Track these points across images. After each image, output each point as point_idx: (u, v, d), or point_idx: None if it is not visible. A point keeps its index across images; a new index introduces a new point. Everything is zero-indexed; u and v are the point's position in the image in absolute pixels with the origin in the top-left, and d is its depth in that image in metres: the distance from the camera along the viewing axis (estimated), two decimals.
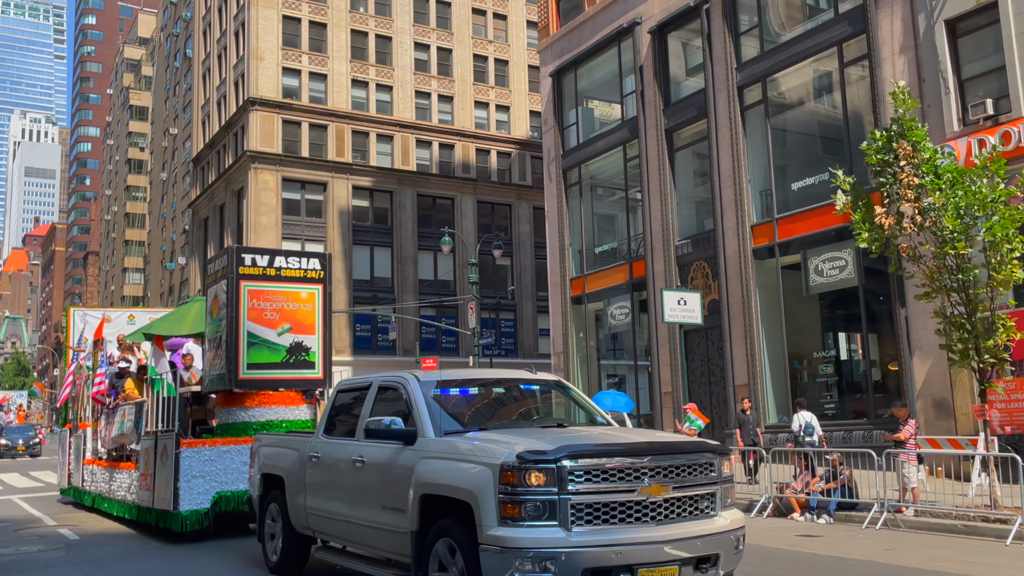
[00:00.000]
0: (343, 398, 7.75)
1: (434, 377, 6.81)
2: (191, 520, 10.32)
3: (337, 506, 7.12)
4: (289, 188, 49.25)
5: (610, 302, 26.59)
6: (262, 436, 8.78)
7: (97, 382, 13.30)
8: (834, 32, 19.73)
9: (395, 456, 6.35)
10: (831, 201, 19.65)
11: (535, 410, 7.16)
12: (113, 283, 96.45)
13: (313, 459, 7.52)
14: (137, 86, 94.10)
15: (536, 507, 5.24)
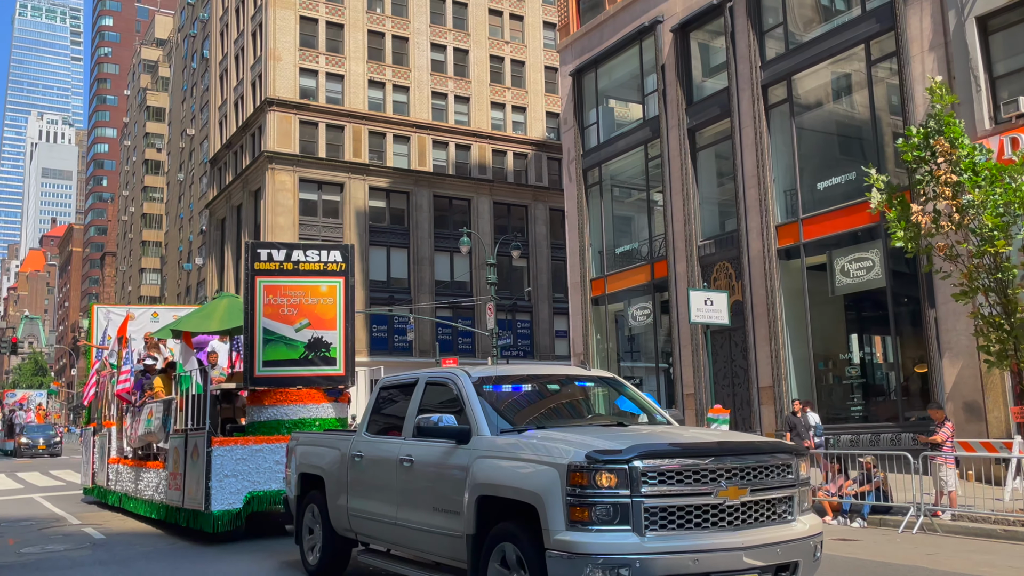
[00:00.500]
0: (386, 395, 7.51)
1: (485, 373, 6.58)
2: (223, 520, 10.08)
3: (383, 507, 6.85)
4: (306, 189, 49.29)
5: (630, 303, 26.39)
6: (299, 435, 8.53)
7: (122, 379, 13.13)
8: (861, 30, 19.47)
9: (447, 455, 6.08)
10: (857, 201, 19.56)
11: (590, 408, 6.87)
12: (130, 283, 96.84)
13: (356, 458, 7.27)
14: (154, 87, 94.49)
15: (607, 510, 4.95)
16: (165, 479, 11.43)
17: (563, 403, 6.81)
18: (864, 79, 19.80)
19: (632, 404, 6.82)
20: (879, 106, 19.49)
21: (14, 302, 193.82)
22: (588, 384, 6.98)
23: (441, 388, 6.65)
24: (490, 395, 6.28)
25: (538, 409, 6.58)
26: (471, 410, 6.11)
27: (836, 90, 21.22)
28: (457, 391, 6.35)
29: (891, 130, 19.48)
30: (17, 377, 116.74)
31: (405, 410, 6.88)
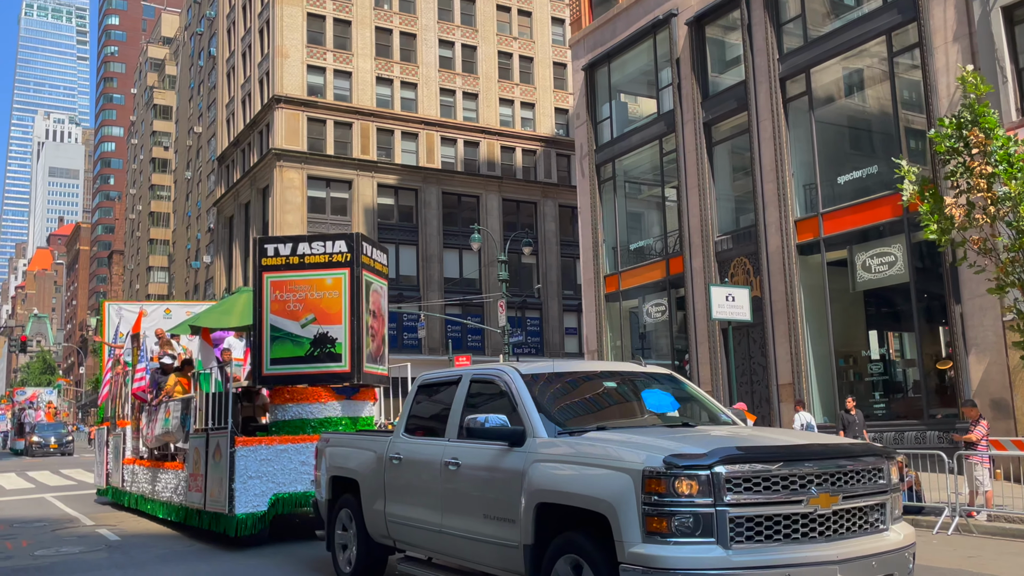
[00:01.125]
0: (425, 394, 7.07)
1: (536, 369, 6.14)
2: (248, 524, 9.70)
3: (425, 514, 6.41)
4: (314, 186, 49.10)
5: (645, 299, 26.10)
6: (329, 435, 8.12)
7: (138, 378, 12.84)
8: (882, 21, 19.13)
9: (499, 459, 5.64)
10: (879, 195, 19.25)
11: (635, 405, 6.31)
12: (138, 281, 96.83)
13: (394, 461, 6.83)
14: (161, 85, 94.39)
15: (688, 521, 4.50)
16: (185, 480, 11.10)
17: (620, 402, 6.31)
18: (885, 71, 19.47)
19: (694, 403, 6.34)
20: (901, 99, 19.16)
21: (22, 301, 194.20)
22: (644, 381, 6.46)
23: (487, 386, 6.26)
24: (542, 393, 5.84)
25: (595, 408, 6.11)
26: (524, 410, 5.67)
27: (856, 83, 20.88)
28: (507, 389, 5.93)
29: (913, 123, 19.15)
30: (26, 376, 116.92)
31: (447, 410, 6.45)
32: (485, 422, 5.52)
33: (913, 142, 19.11)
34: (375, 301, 10.94)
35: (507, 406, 5.83)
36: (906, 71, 19.18)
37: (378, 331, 10.85)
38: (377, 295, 10.99)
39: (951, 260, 17.32)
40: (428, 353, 47.66)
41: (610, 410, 6.18)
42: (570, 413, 5.80)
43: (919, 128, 18.81)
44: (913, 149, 19.06)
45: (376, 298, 10.97)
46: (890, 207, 18.79)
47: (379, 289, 10.95)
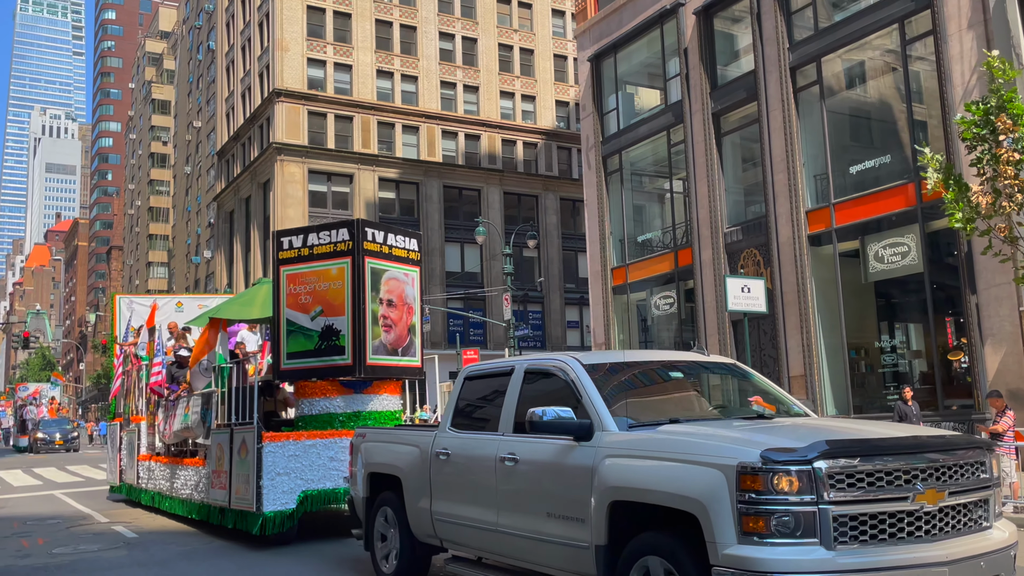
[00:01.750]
0: (473, 386, 6.75)
1: (597, 359, 5.85)
2: (276, 522, 9.37)
3: (477, 512, 6.09)
4: (315, 180, 48.91)
5: (653, 292, 25.97)
6: (365, 430, 7.83)
7: (154, 372, 12.62)
8: (895, 8, 18.96)
9: (564, 454, 5.33)
10: (892, 184, 19.11)
11: (716, 398, 6.19)
12: (137, 277, 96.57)
13: (441, 456, 6.52)
14: (159, 80, 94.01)
15: (788, 520, 4.17)
16: (206, 477, 10.85)
17: (687, 393, 6.06)
18: (898, 59, 19.30)
19: (761, 395, 5.89)
20: (914, 87, 19.00)
21: (20, 297, 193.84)
22: (708, 372, 6.25)
23: (545, 377, 5.96)
24: (606, 385, 5.54)
25: (660, 400, 5.84)
26: (590, 402, 5.35)
27: (868, 71, 20.71)
28: (568, 380, 5.62)
29: (927, 112, 19.00)
30: (25, 372, 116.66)
31: (499, 403, 6.15)
32: (550, 416, 5.23)
33: (927, 131, 18.95)
34: (392, 289, 10.48)
35: (568, 398, 5.54)
36: (919, 59, 19.01)
37: (397, 320, 10.39)
38: (397, 282, 10.50)
39: (966, 250, 17.21)
40: (431, 347, 47.47)
41: (677, 402, 5.89)
42: (637, 405, 5.51)
43: (933, 117, 18.65)
44: (926, 138, 18.90)
45: (395, 286, 10.47)
46: (903, 197, 18.66)
47: (399, 276, 10.51)
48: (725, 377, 6.23)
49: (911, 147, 18.69)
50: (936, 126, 18.36)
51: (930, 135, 18.77)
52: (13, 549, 10.36)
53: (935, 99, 18.31)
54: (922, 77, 19.04)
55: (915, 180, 18.38)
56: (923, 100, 19.06)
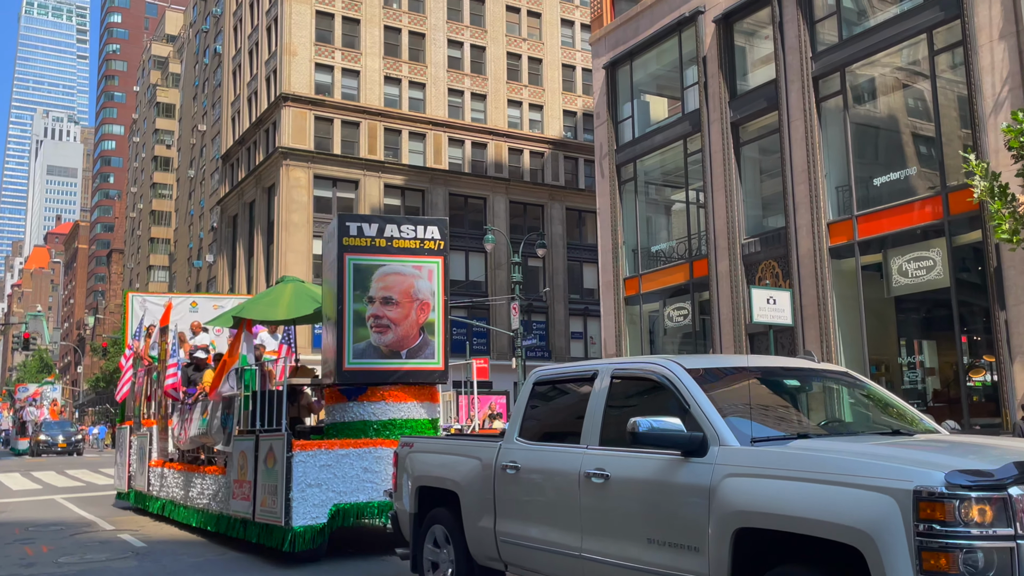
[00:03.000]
0: (544, 392, 6.13)
1: (700, 364, 5.17)
2: (306, 537, 8.70)
3: (555, 534, 5.41)
4: (321, 186, 48.59)
5: (667, 303, 25.55)
6: (411, 439, 7.20)
7: (169, 374, 12.12)
8: (923, 18, 18.61)
9: (669, 471, 4.67)
10: (918, 197, 18.72)
11: (834, 410, 5.47)
12: (138, 280, 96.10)
13: (508, 470, 5.85)
14: (164, 83, 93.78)
15: (980, 557, 3.49)
16: (226, 487, 10.25)
17: (802, 404, 5.42)
18: (926, 70, 18.94)
19: (880, 406, 5.34)
20: (943, 98, 18.63)
21: (18, 299, 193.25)
22: (821, 381, 5.49)
23: (638, 384, 5.33)
24: (713, 392, 4.86)
25: (778, 411, 5.11)
26: (701, 412, 4.68)
27: (894, 82, 20.36)
28: (670, 387, 4.96)
29: (956, 123, 18.64)
30: (22, 374, 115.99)
31: (580, 411, 5.48)
32: (656, 427, 4.54)
33: (955, 144, 18.57)
34: (392, 285, 9.69)
35: (668, 407, 4.90)
36: (948, 70, 18.65)
37: (399, 319, 9.46)
38: (400, 277, 9.72)
39: (995, 264, 16.82)
40: None
41: (795, 413, 5.22)
42: (754, 417, 4.79)
43: (962, 129, 18.29)
44: (954, 152, 18.54)
45: (397, 280, 9.71)
46: (930, 210, 18.28)
47: (404, 270, 9.72)
48: (841, 386, 5.52)
49: (939, 160, 18.33)
50: (965, 138, 17.99)
51: (959, 148, 18.39)
52: (17, 557, 9.90)
53: (964, 111, 17.95)
54: (951, 88, 18.68)
55: (942, 193, 18.02)
56: (952, 111, 18.70)
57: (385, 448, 9.04)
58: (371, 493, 8.97)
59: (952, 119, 18.76)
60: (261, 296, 11.49)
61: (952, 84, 18.60)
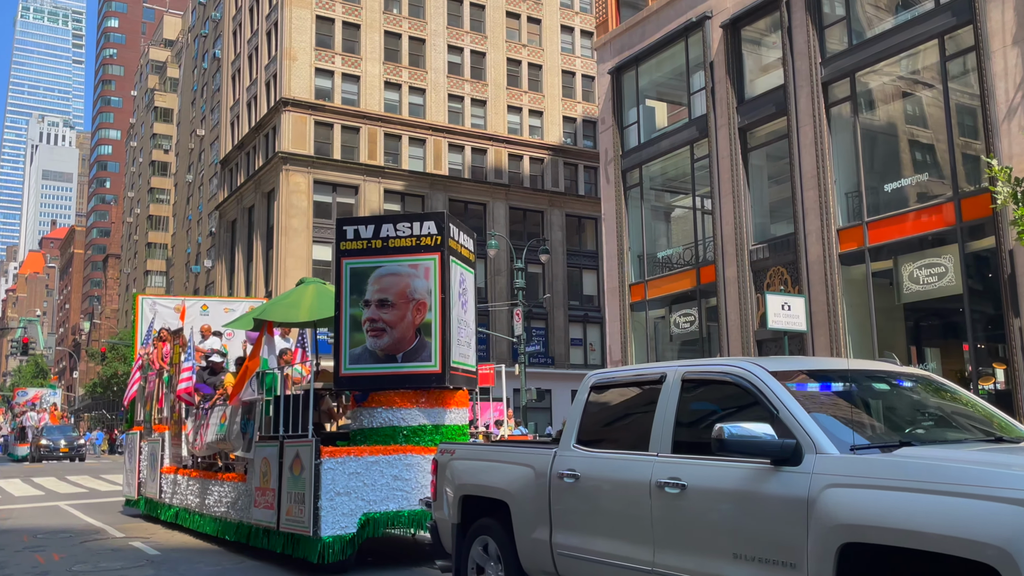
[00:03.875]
0: (603, 397, 5.80)
1: (784, 366, 4.86)
2: (336, 548, 8.32)
3: (622, 547, 5.07)
4: (320, 191, 48.42)
5: (673, 309, 25.42)
6: (452, 445, 6.88)
7: (184, 378, 11.89)
8: (935, 23, 18.55)
9: (757, 481, 4.34)
10: (929, 203, 18.62)
11: (919, 414, 5.18)
12: (135, 285, 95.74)
13: (566, 479, 5.53)
14: (162, 88, 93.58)
15: None
16: (247, 494, 9.95)
17: (895, 408, 5.10)
18: (937, 76, 18.87)
19: (964, 410, 5.15)
20: (955, 104, 18.56)
21: (13, 304, 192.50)
22: (914, 384, 5.21)
23: (714, 387, 5.02)
24: (801, 397, 4.52)
25: (870, 417, 4.84)
26: (792, 417, 4.34)
27: (905, 87, 20.28)
28: (755, 391, 4.63)
29: (968, 129, 18.56)
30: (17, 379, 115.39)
31: (647, 416, 5.17)
32: (746, 434, 4.23)
33: (966, 150, 18.50)
34: (388, 287, 9.34)
35: (752, 412, 4.58)
36: (960, 75, 18.58)
37: (395, 322, 9.22)
38: (396, 277, 9.35)
39: (1009, 271, 16.73)
40: None
41: (887, 419, 4.95)
42: (846, 423, 4.51)
43: (975, 135, 18.21)
44: (964, 157, 18.47)
45: (393, 281, 9.34)
46: (941, 216, 18.19)
47: (401, 270, 9.37)
48: (927, 391, 5.30)
49: (951, 166, 18.25)
50: (978, 144, 17.90)
51: (971, 154, 18.32)
52: (29, 565, 9.70)
53: (977, 117, 17.87)
54: (962, 94, 18.61)
55: (955, 199, 17.94)
56: (964, 117, 18.62)
57: (415, 455, 8.78)
58: (401, 502, 8.65)
59: (964, 125, 18.68)
60: (282, 297, 11.19)
61: (964, 90, 18.53)
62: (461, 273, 9.94)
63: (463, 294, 9.93)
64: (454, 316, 9.45)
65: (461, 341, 9.74)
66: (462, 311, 9.82)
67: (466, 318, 10.00)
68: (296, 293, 10.74)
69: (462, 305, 9.83)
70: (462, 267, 9.99)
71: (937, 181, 18.93)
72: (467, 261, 10.20)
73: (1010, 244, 16.50)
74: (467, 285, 10.09)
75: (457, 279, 9.72)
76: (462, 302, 9.85)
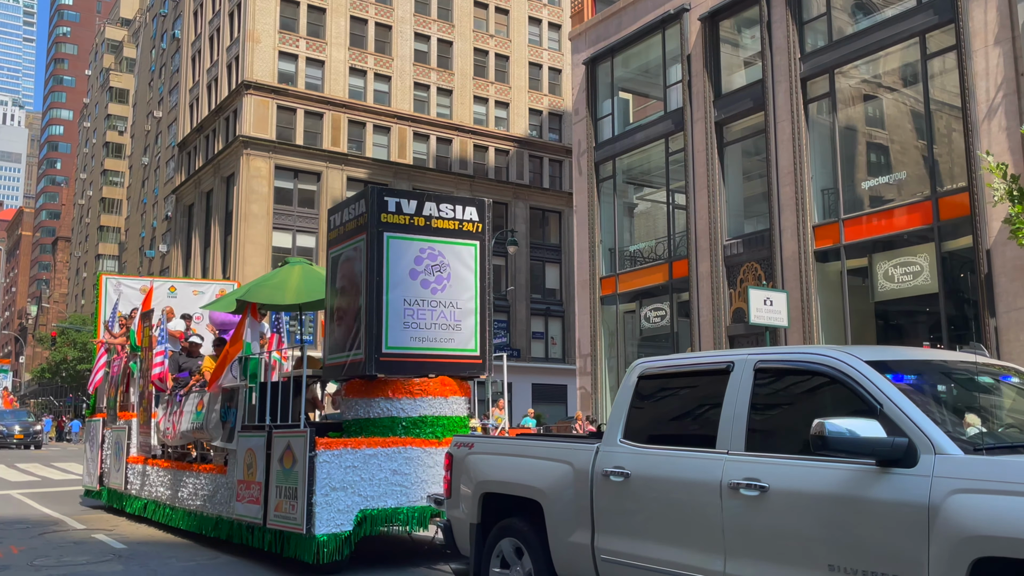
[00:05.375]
0: (654, 387, 5.30)
1: (880, 355, 4.32)
2: (331, 547, 7.77)
3: (685, 554, 4.59)
4: (282, 176, 47.49)
5: (643, 303, 25.23)
6: (471, 438, 6.36)
7: (156, 362, 11.32)
8: (916, 22, 18.52)
9: (862, 484, 3.88)
10: (907, 202, 18.61)
11: (1010, 409, 4.65)
12: (85, 269, 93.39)
13: (614, 478, 5.04)
14: (118, 68, 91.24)
15: None
16: (227, 487, 9.30)
17: (1002, 405, 4.60)
18: (917, 74, 18.86)
19: None
20: (935, 102, 18.55)
21: None
22: (1012, 376, 4.69)
23: (794, 378, 4.54)
24: (907, 390, 4.03)
25: (980, 414, 4.29)
26: (903, 413, 3.87)
27: (885, 85, 20.27)
28: (851, 383, 4.13)
29: (948, 127, 18.58)
30: None
31: (710, 409, 4.72)
32: (852, 431, 3.75)
33: (945, 148, 18.52)
34: (345, 273, 8.90)
35: (846, 407, 4.11)
36: (939, 74, 18.58)
37: (347, 310, 8.78)
38: (349, 263, 8.86)
39: (986, 271, 16.74)
40: None
41: (993, 414, 4.47)
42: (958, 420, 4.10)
43: (954, 134, 18.22)
44: (945, 155, 18.49)
45: (347, 268, 8.85)
46: (919, 214, 18.19)
47: (351, 254, 8.86)
48: (1003, 383, 4.73)
49: (929, 165, 18.25)
50: (958, 143, 17.90)
51: (951, 152, 18.34)
52: None
53: (956, 115, 17.88)
54: (942, 93, 18.61)
55: (932, 198, 17.94)
56: (943, 116, 18.62)
57: (416, 448, 8.30)
58: (399, 498, 8.15)
59: (943, 124, 18.69)
60: (267, 278, 10.53)
61: (944, 89, 18.53)
62: (424, 248, 8.96)
63: (432, 271, 8.92)
64: (393, 298, 8.62)
65: (420, 324, 8.76)
66: (422, 289, 8.82)
67: (438, 297, 8.91)
68: (281, 274, 10.19)
69: (422, 284, 8.82)
70: (424, 241, 8.96)
71: (915, 180, 18.93)
72: (438, 232, 9.07)
73: (988, 244, 16.53)
74: (444, 260, 8.98)
75: (408, 256, 8.79)
76: (423, 281, 8.84)
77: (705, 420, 4.84)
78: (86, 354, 66.25)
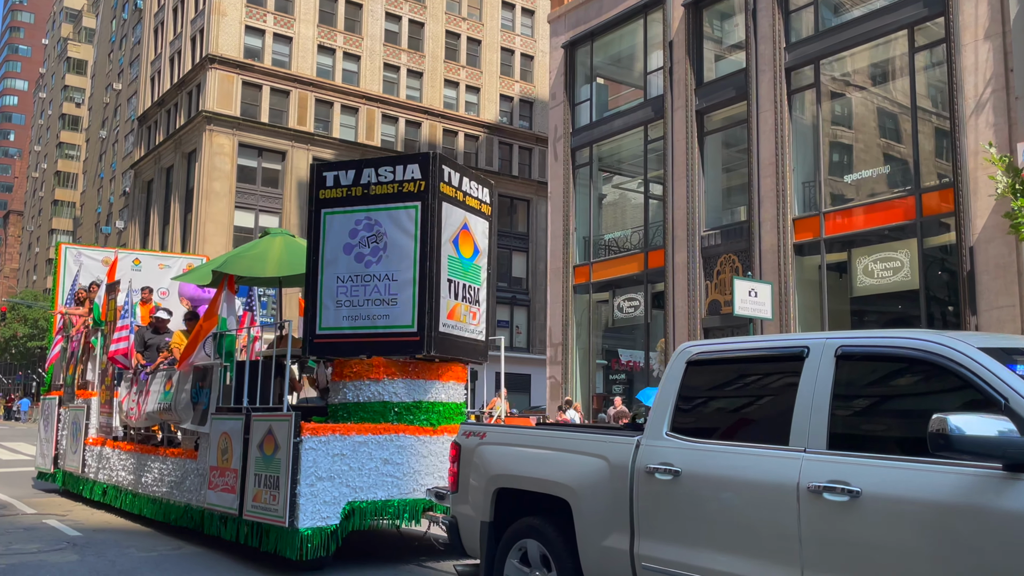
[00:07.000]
0: (705, 374, 4.74)
1: (988, 342, 3.84)
2: (316, 542, 7.14)
3: (750, 567, 4.04)
4: (245, 154, 46.38)
5: (617, 293, 24.85)
6: (482, 427, 5.78)
7: (118, 338, 10.55)
8: (905, 13, 18.26)
9: (984, 491, 3.38)
10: (890, 196, 18.40)
11: None
12: (38, 244, 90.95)
13: (659, 475, 4.50)
14: (76, 38, 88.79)
15: None
16: (198, 474, 8.63)
17: None
18: (905, 66, 18.61)
19: None
20: (921, 96, 18.34)
21: None
22: None
23: (886, 366, 4.01)
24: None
25: None
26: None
27: (871, 77, 20.01)
28: (964, 372, 3.63)
29: (935, 122, 18.38)
30: None
31: (780, 399, 4.19)
32: (980, 430, 3.27)
33: (931, 142, 18.32)
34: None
35: (956, 399, 3.65)
36: (927, 68, 18.37)
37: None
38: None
39: (968, 268, 16.59)
40: None
41: None
42: None
43: (941, 129, 18.03)
44: (930, 150, 18.30)
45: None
46: (902, 209, 17.98)
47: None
48: None
49: (914, 160, 18.04)
50: (944, 137, 17.71)
51: (936, 146, 18.16)
52: None
53: (943, 109, 17.67)
54: (929, 87, 18.41)
55: (915, 193, 17.74)
56: (930, 110, 18.42)
57: (409, 436, 7.69)
58: (390, 489, 7.53)
59: (929, 119, 18.50)
60: (246, 249, 9.80)
61: (931, 83, 18.33)
62: (359, 219, 8.28)
63: (367, 242, 8.21)
64: (327, 276, 8.12)
65: (354, 301, 8.08)
66: (356, 264, 8.15)
67: (372, 270, 8.14)
68: (262, 244, 9.51)
69: (356, 258, 8.16)
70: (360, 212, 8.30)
71: (899, 174, 18.72)
72: (376, 199, 8.31)
73: (971, 241, 16.35)
74: (381, 229, 8.22)
75: (343, 230, 8.21)
76: (357, 255, 8.19)
77: (772, 413, 4.29)
78: (37, 331, 64.46)
